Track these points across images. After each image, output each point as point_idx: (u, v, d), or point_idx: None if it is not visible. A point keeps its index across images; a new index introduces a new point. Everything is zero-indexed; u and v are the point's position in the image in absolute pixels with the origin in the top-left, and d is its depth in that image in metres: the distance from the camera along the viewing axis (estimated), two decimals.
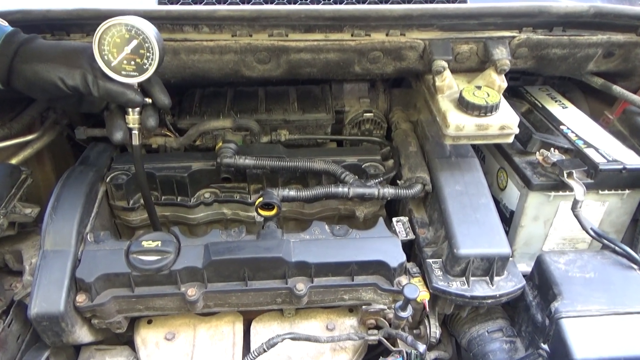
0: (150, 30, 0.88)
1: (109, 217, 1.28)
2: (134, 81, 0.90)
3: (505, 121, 1.11)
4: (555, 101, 1.52)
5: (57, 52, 0.93)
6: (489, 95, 1.13)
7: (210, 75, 1.20)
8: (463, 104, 1.12)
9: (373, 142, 1.42)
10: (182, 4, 1.12)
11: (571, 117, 1.41)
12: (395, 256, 1.03)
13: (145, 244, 1.02)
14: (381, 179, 1.23)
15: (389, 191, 1.17)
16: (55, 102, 1.03)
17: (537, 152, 1.26)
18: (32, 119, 1.43)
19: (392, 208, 1.40)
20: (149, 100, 0.95)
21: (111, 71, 0.88)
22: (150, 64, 0.89)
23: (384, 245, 1.05)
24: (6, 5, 1.11)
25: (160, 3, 1.12)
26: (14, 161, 1.40)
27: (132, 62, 0.88)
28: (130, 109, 0.95)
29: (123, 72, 0.89)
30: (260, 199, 1.09)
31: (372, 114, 1.44)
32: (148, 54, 0.88)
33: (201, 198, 1.27)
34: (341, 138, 1.45)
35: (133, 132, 0.98)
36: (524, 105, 1.51)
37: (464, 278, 1.06)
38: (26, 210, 1.19)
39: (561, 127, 1.37)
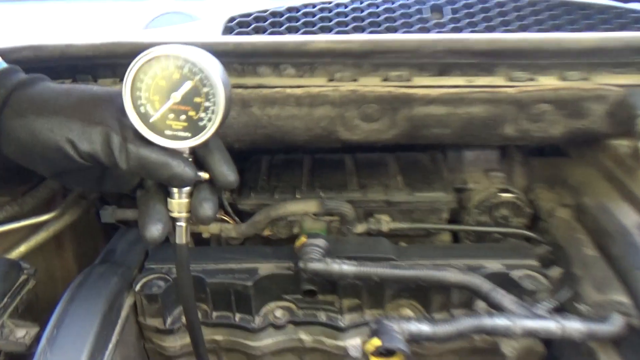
0: (213, 67, 0.54)
1: (136, 338, 0.88)
2: (185, 145, 0.56)
3: None
4: None
5: (68, 101, 0.60)
6: None
7: (291, 138, 0.82)
8: None
9: (521, 237, 0.98)
10: (256, 26, 0.77)
11: None
12: None
13: None
14: (553, 302, 0.78)
15: (576, 328, 0.72)
16: (63, 177, 0.66)
17: None
18: (51, 192, 1.09)
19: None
20: (204, 176, 0.59)
21: (150, 130, 0.55)
22: (210, 120, 0.54)
23: None
24: (14, 42, 0.80)
25: (225, 32, 0.77)
26: (22, 248, 1.06)
27: (183, 117, 0.55)
28: (175, 189, 0.60)
29: (168, 132, 0.56)
30: (377, 342, 0.66)
31: (511, 195, 1.01)
32: (208, 104, 0.54)
33: (270, 317, 0.86)
34: (472, 229, 1.02)
35: (178, 224, 0.62)
36: None
37: None
38: (18, 333, 0.80)
39: None
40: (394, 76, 0.75)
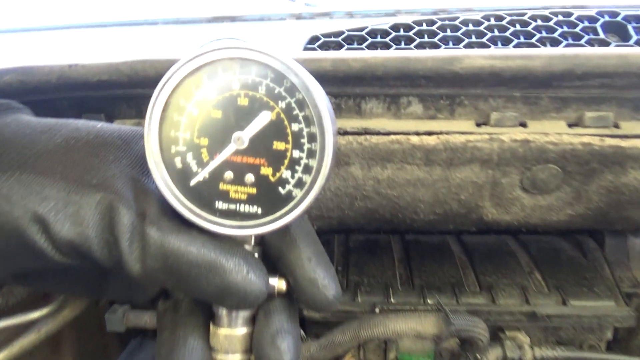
0: (314, 87, 0.29)
1: None
2: (251, 232, 0.30)
3: None
4: None
5: (47, 145, 0.34)
6: None
7: (408, 217, 0.51)
8: None
9: None
10: (349, 48, 0.49)
11: None
12: None
13: None
14: None
15: None
16: (29, 280, 0.37)
17: None
18: None
19: None
20: (279, 287, 0.33)
21: (189, 201, 0.31)
22: (300, 185, 0.30)
23: None
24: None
25: (308, 48, 0.49)
26: (1, 356, 0.79)
27: (250, 177, 0.30)
28: (224, 312, 0.33)
29: (222, 205, 0.31)
30: None
31: None
32: (298, 155, 0.29)
33: None
34: None
35: None
36: None
37: None
38: None
39: None
40: (591, 118, 0.45)
